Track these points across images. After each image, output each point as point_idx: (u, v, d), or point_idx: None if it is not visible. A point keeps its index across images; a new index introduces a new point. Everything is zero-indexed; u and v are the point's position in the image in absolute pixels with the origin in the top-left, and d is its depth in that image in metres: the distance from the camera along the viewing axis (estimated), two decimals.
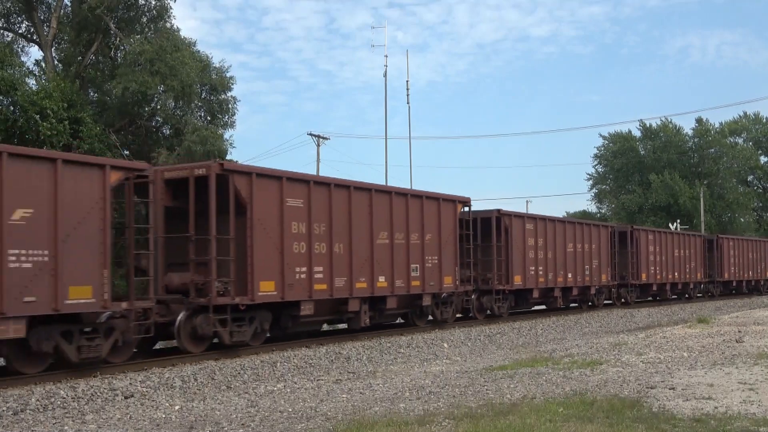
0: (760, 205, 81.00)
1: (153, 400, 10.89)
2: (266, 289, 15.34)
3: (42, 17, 33.26)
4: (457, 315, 22.49)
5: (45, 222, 11.57)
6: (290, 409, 9.66)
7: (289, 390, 11.56)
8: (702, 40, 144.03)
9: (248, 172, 15.16)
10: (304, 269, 16.13)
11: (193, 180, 14.70)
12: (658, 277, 33.36)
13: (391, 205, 18.77)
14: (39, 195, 11.52)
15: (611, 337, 18.91)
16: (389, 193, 18.94)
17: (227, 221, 14.57)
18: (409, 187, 24.14)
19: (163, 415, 9.69)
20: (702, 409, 8.60)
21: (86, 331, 12.47)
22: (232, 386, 12.18)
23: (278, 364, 14.14)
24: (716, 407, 8.68)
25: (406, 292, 19.22)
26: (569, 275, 27.20)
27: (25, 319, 11.26)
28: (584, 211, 78.35)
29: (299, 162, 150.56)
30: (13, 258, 11.13)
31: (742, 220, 74.99)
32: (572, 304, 29.10)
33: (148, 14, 33.70)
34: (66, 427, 9.06)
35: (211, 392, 11.60)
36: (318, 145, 46.10)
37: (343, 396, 10.66)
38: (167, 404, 10.54)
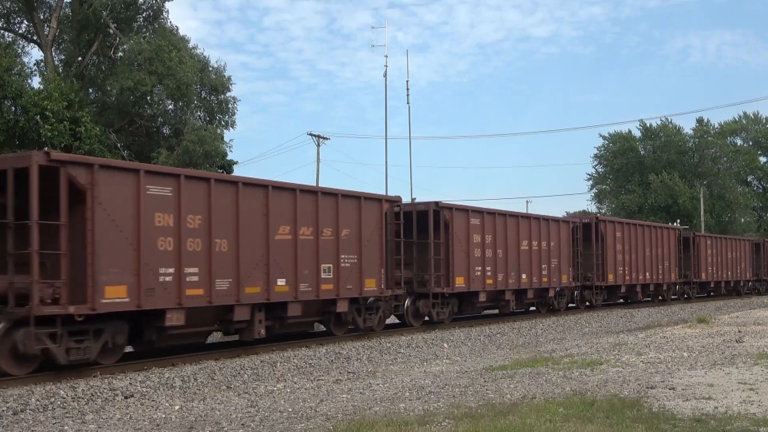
0: (760, 205, 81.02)
1: (153, 400, 10.89)
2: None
3: (42, 17, 33.27)
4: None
5: None
6: (290, 409, 9.65)
7: (289, 390, 11.56)
8: (702, 41, 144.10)
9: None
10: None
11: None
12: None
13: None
14: None
15: (611, 337, 18.91)
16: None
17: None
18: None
19: (163, 415, 9.69)
20: (702, 409, 8.60)
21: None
22: (232, 386, 12.18)
23: (278, 364, 14.15)
24: (716, 407, 8.68)
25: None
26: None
27: None
28: (584, 211, 78.34)
29: (299, 162, 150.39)
30: None
31: (742, 220, 75.01)
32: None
33: (144, 13, 33.78)
34: (66, 427, 9.06)
35: (211, 392, 11.60)
36: (318, 145, 46.14)
37: (343, 396, 10.66)
38: (167, 404, 10.54)
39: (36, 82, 31.53)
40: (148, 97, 31.39)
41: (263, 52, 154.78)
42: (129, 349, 14.09)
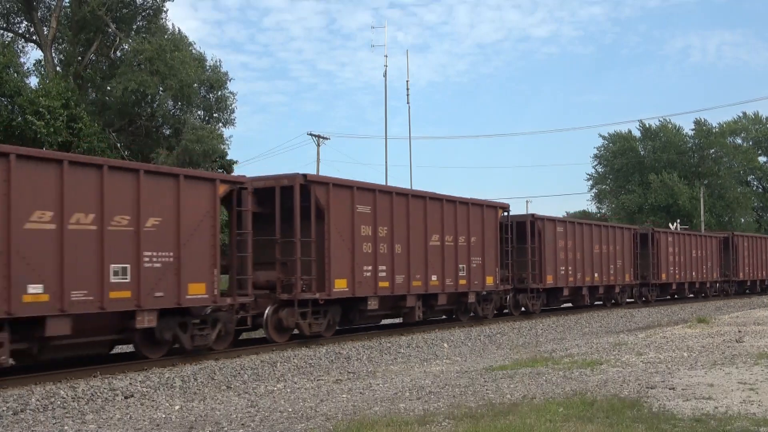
0: (760, 205, 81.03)
1: (153, 400, 10.89)
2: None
3: (41, 17, 33.27)
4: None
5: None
6: (290, 409, 9.65)
7: (289, 390, 11.56)
8: (702, 41, 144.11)
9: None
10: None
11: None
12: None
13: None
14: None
15: (611, 337, 18.90)
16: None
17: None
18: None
19: (163, 415, 9.69)
20: (702, 409, 8.60)
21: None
22: (232, 386, 12.17)
23: (278, 364, 14.14)
24: (716, 407, 8.68)
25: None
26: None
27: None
28: (584, 211, 78.38)
29: (299, 162, 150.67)
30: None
31: (742, 220, 75.01)
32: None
33: (144, 13, 33.81)
34: (66, 427, 9.06)
35: (211, 392, 11.60)
36: (318, 145, 46.16)
37: (343, 396, 10.65)
38: (167, 404, 10.54)
39: (35, 81, 31.52)
40: (149, 98, 31.40)
41: (263, 52, 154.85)
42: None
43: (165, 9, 33.85)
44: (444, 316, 22.72)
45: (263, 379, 12.91)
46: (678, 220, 62.03)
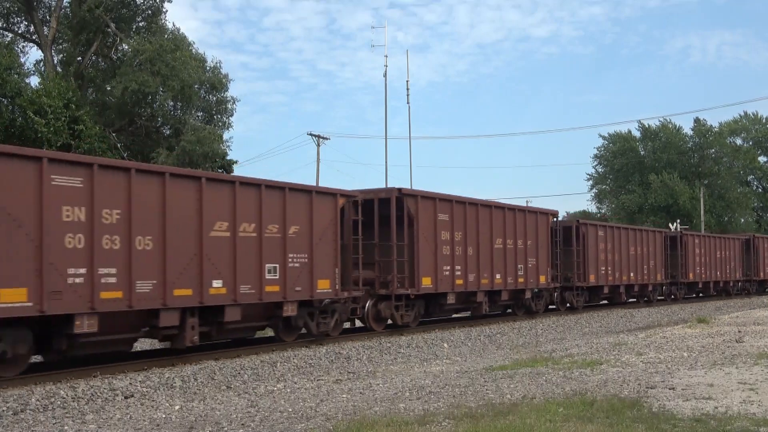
0: (760, 205, 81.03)
1: (153, 400, 10.89)
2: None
3: (41, 17, 33.27)
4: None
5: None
6: (290, 409, 9.65)
7: (289, 390, 11.56)
8: (702, 41, 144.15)
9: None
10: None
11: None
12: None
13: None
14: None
15: (611, 337, 18.90)
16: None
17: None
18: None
19: (163, 415, 9.69)
20: (702, 409, 8.60)
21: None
22: (232, 386, 12.17)
23: (278, 364, 14.14)
24: (716, 407, 8.68)
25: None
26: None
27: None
28: (584, 211, 78.38)
29: (299, 162, 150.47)
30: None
31: (741, 220, 75.02)
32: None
33: (143, 14, 33.80)
34: (66, 427, 9.05)
35: (211, 392, 11.60)
36: (318, 145, 46.17)
37: (343, 396, 10.65)
38: (167, 404, 10.54)
39: (35, 82, 31.52)
40: (149, 98, 31.40)
41: (263, 52, 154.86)
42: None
43: (165, 9, 33.88)
44: (509, 310, 25.62)
45: (263, 379, 12.91)
46: (678, 221, 62.06)
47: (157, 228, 13.16)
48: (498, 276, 22.90)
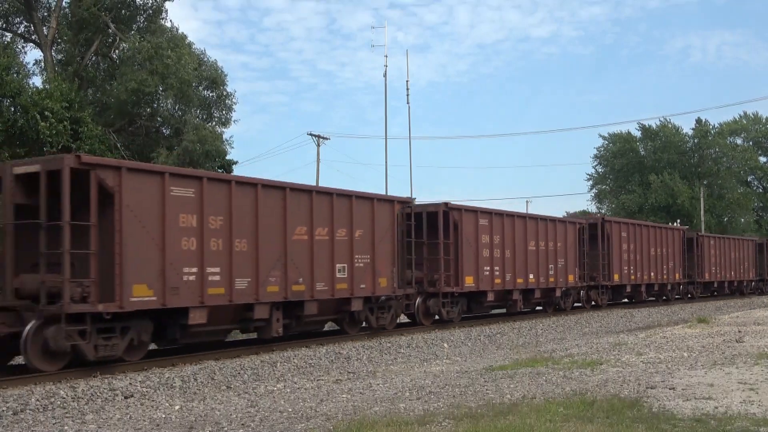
0: (761, 205, 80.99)
1: (153, 400, 10.89)
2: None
3: (41, 17, 33.24)
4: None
5: None
6: (290, 409, 9.65)
7: (289, 390, 11.56)
8: (702, 41, 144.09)
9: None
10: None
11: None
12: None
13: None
14: None
15: (611, 337, 18.91)
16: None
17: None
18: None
19: (163, 415, 9.69)
20: (702, 409, 8.59)
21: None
22: (232, 386, 12.18)
23: (278, 364, 14.15)
24: (716, 407, 8.67)
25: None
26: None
27: None
28: (584, 211, 78.29)
29: (299, 162, 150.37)
30: None
31: (742, 220, 74.99)
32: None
33: (144, 13, 33.79)
34: (66, 427, 9.06)
35: (211, 392, 11.60)
36: (318, 145, 46.16)
37: (343, 396, 10.65)
38: (167, 404, 10.54)
39: (38, 81, 31.53)
40: (149, 97, 31.37)
41: (263, 53, 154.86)
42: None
43: (165, 9, 33.85)
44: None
45: (263, 379, 12.91)
46: (678, 221, 62.03)
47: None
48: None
